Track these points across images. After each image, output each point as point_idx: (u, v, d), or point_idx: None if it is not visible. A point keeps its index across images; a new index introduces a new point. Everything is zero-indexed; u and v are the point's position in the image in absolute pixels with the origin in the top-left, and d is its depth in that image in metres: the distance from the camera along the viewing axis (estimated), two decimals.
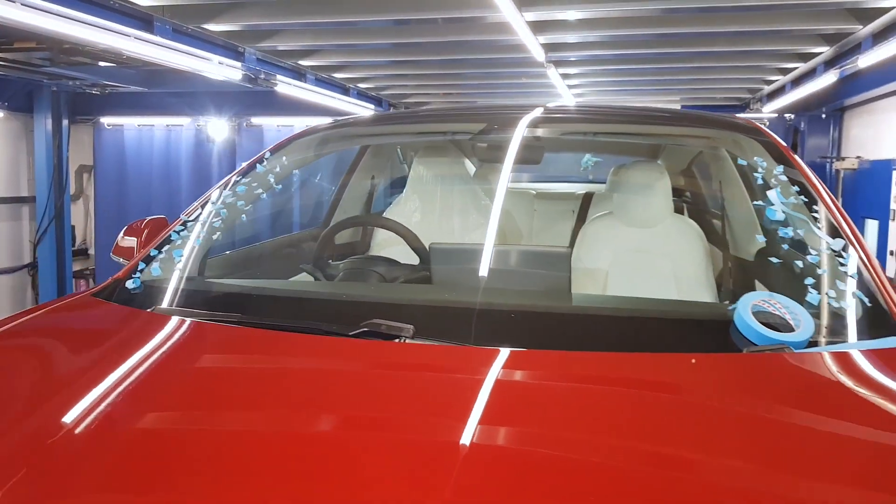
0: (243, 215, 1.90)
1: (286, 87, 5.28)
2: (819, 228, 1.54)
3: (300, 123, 7.38)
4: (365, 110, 6.88)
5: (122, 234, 1.99)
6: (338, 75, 5.99)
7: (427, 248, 1.87)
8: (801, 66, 5.34)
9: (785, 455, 0.98)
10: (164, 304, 1.53)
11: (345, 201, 2.97)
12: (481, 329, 1.32)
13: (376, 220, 2.14)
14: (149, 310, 1.49)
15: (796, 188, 1.66)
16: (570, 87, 6.73)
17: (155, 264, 1.68)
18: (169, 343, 1.35)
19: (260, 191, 1.95)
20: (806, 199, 1.63)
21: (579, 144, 2.63)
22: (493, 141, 2.15)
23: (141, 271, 1.66)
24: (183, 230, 1.81)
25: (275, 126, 7.47)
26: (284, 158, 2.08)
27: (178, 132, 7.65)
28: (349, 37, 4.78)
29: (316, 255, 2.11)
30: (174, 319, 1.43)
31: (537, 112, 2.11)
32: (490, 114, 2.47)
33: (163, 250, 1.74)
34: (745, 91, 7.33)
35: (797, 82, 5.82)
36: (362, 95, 6.59)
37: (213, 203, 1.87)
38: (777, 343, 1.24)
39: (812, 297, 1.37)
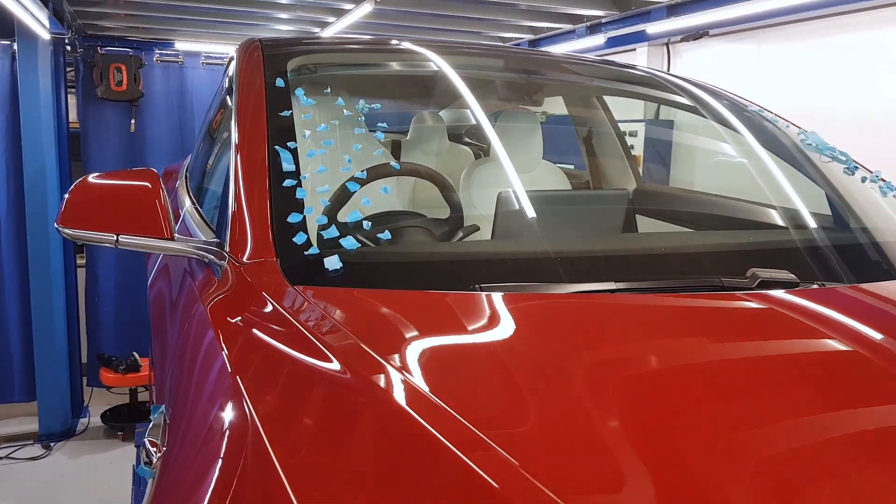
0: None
1: None
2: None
3: None
4: (36, 24, 4.65)
5: (75, 190, 1.47)
6: None
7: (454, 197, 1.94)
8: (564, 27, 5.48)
9: None
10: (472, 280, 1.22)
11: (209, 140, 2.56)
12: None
13: (412, 169, 1.99)
14: (477, 289, 1.18)
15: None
16: (283, 19, 5.52)
17: (329, 234, 1.31)
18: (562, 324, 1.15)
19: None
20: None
21: (531, 87, 2.73)
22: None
23: (302, 244, 1.29)
24: (296, 186, 1.41)
25: None
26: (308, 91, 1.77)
27: None
28: None
29: (329, 211, 1.67)
30: (503, 295, 1.18)
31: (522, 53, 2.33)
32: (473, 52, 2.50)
33: (305, 216, 1.35)
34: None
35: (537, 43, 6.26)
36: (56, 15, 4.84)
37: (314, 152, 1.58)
38: None
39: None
